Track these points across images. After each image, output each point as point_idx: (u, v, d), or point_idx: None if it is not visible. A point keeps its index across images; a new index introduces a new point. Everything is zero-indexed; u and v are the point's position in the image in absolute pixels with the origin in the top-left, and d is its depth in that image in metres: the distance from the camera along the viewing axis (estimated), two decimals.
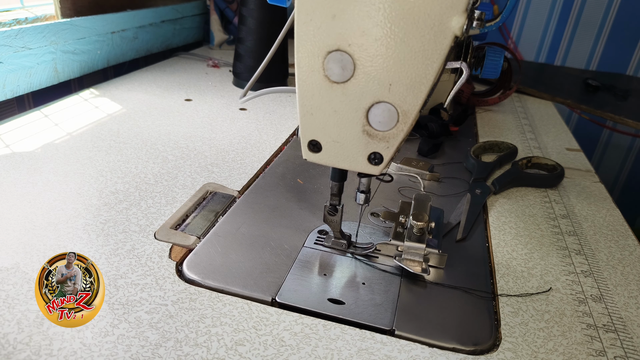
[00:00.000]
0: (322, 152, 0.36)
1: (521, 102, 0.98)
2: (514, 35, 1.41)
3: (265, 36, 0.87)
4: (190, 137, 0.67)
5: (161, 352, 0.32)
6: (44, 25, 0.73)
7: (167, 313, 0.36)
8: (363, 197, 0.41)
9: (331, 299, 0.39)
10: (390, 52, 0.30)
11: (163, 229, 0.46)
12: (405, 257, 0.42)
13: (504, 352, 0.35)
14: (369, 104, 0.33)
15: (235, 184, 0.55)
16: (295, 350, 0.33)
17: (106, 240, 0.43)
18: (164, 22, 1.07)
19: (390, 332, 0.36)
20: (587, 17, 1.34)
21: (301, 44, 0.32)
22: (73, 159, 0.58)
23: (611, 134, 1.43)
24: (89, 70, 0.86)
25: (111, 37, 0.90)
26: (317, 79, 0.33)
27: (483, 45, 0.83)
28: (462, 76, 0.38)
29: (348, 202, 0.48)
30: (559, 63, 1.41)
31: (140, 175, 0.55)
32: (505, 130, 0.80)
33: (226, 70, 1.02)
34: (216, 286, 0.39)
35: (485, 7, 0.77)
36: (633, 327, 0.39)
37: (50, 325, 0.33)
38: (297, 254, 0.44)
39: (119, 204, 0.49)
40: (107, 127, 0.68)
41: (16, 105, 0.77)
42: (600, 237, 0.51)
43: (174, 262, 0.41)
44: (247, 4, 0.86)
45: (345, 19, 0.30)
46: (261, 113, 0.79)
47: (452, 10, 0.28)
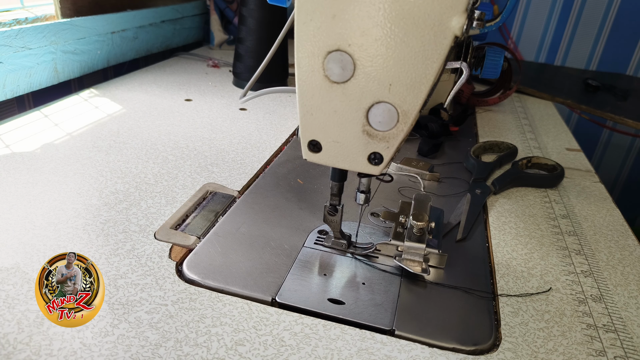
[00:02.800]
0: (322, 152, 0.36)
1: (521, 102, 0.98)
2: (514, 35, 1.41)
3: (265, 36, 0.87)
4: (190, 137, 0.67)
5: (161, 352, 0.32)
6: (44, 25, 0.73)
7: (167, 313, 0.36)
8: (363, 197, 0.41)
9: (331, 299, 0.39)
10: (390, 52, 0.30)
11: (163, 229, 0.46)
12: (405, 257, 0.42)
13: (504, 352, 0.35)
14: (369, 104, 0.33)
15: (235, 184, 0.55)
16: (295, 350, 0.33)
17: (106, 240, 0.43)
18: (164, 22, 1.07)
19: (390, 332, 0.36)
20: (587, 17, 1.34)
21: (301, 44, 0.32)
22: (73, 159, 0.58)
23: (611, 134, 1.43)
24: (89, 70, 0.86)
25: (111, 37, 0.90)
26: (317, 79, 0.33)
27: (483, 45, 0.83)
28: (462, 76, 0.38)
29: (348, 202, 0.48)
30: (559, 63, 1.41)
31: (140, 175, 0.55)
32: (505, 130, 0.80)
33: (226, 70, 1.02)
34: (216, 286, 0.39)
35: (485, 7, 0.77)
36: (633, 327, 0.39)
37: (50, 325, 0.33)
38: (297, 254, 0.44)
39: (119, 204, 0.49)
40: (107, 127, 0.68)
41: (16, 105, 0.77)
42: (600, 237, 0.51)
43: (174, 262, 0.41)
44: (247, 4, 0.86)
45: (345, 19, 0.30)
46: (261, 113, 0.79)
47: (452, 10, 0.28)
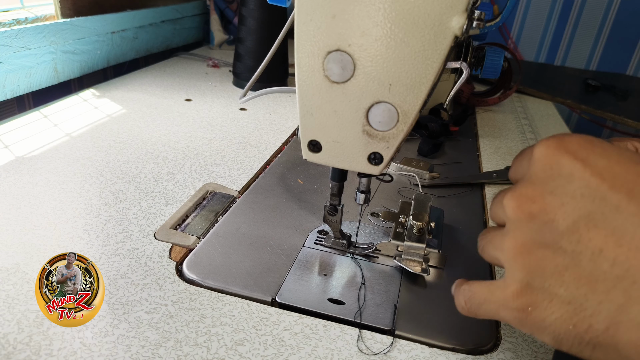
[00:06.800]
0: (322, 152, 0.36)
1: (521, 102, 0.98)
2: (514, 35, 1.41)
3: (265, 36, 0.87)
4: (190, 137, 0.67)
5: (161, 352, 0.32)
6: (44, 25, 0.73)
7: (167, 313, 0.36)
8: (363, 197, 0.41)
9: (331, 299, 0.39)
10: (390, 52, 0.30)
11: (163, 229, 0.46)
12: (405, 257, 0.42)
13: (504, 352, 0.35)
14: (369, 104, 0.33)
15: (235, 184, 0.55)
16: (295, 350, 0.33)
17: (106, 240, 0.43)
18: (164, 22, 1.07)
19: (390, 332, 0.36)
20: (587, 17, 1.34)
21: (301, 44, 0.32)
22: (73, 159, 0.58)
23: (611, 134, 1.43)
24: (89, 70, 0.86)
25: (111, 37, 0.90)
26: (317, 79, 0.33)
27: (483, 45, 0.83)
28: (462, 76, 0.38)
29: (348, 202, 0.48)
30: (559, 63, 1.41)
31: (140, 175, 0.55)
32: (505, 130, 0.80)
33: (226, 70, 1.02)
34: (216, 286, 0.39)
35: (485, 7, 0.77)
36: None
37: (50, 325, 0.33)
38: (297, 254, 0.44)
39: (119, 204, 0.49)
40: (107, 127, 0.68)
41: (16, 106, 0.77)
42: None
43: (174, 262, 0.41)
44: (247, 4, 0.86)
45: (345, 19, 0.30)
46: (261, 113, 0.79)
47: (452, 10, 0.28)
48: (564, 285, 0.24)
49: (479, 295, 0.29)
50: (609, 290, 0.23)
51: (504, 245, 0.27)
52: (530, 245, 0.25)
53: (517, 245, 0.26)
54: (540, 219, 0.25)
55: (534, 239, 0.25)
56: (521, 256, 0.26)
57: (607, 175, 0.23)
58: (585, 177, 0.24)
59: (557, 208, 0.24)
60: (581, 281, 0.24)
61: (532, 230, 0.25)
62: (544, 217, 0.25)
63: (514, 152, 0.71)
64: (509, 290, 0.27)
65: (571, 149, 0.25)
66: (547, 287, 0.25)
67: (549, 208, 0.25)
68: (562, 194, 0.24)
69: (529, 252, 0.25)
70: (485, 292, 0.29)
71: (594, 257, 0.23)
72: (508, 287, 0.27)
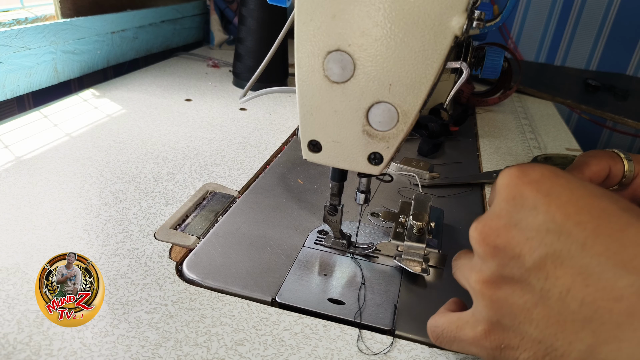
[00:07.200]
0: (322, 152, 0.36)
1: (521, 102, 0.98)
2: (514, 35, 1.41)
3: (265, 36, 0.87)
4: (190, 137, 0.67)
5: (161, 352, 0.32)
6: (44, 25, 0.73)
7: (167, 313, 0.36)
8: (363, 197, 0.41)
9: (331, 299, 0.39)
10: (390, 52, 0.30)
11: (163, 229, 0.46)
12: (405, 257, 0.42)
13: None
14: (369, 104, 0.33)
15: (235, 184, 0.55)
16: (295, 350, 0.33)
17: (106, 240, 0.43)
18: (164, 22, 1.07)
19: (390, 332, 0.36)
20: (587, 17, 1.34)
21: (301, 44, 0.32)
22: (73, 159, 0.58)
23: (611, 134, 1.43)
24: (89, 70, 0.86)
25: (111, 37, 0.90)
26: (317, 79, 0.33)
27: (483, 45, 0.83)
28: (462, 76, 0.38)
29: (348, 202, 0.48)
30: (559, 63, 1.41)
31: (140, 175, 0.55)
32: (505, 130, 0.80)
33: (226, 70, 1.02)
34: (216, 286, 0.39)
35: (485, 7, 0.77)
36: None
37: (50, 325, 0.33)
38: (297, 254, 0.44)
39: (119, 204, 0.49)
40: (107, 127, 0.68)
41: (16, 106, 0.77)
42: None
43: (174, 262, 0.41)
44: (247, 4, 0.86)
45: (345, 19, 0.30)
46: (261, 113, 0.79)
47: (452, 10, 0.28)
48: (533, 323, 0.24)
49: (449, 334, 0.29)
50: (578, 330, 0.22)
51: (470, 278, 0.27)
52: (497, 279, 0.25)
53: (484, 280, 0.26)
54: (506, 254, 0.24)
55: (500, 273, 0.25)
56: (488, 291, 0.25)
57: (571, 210, 0.23)
58: (550, 211, 0.23)
59: (523, 243, 0.24)
60: (550, 320, 0.23)
61: (497, 265, 0.25)
62: (509, 252, 0.24)
63: (514, 152, 0.71)
64: (478, 330, 0.26)
65: (533, 180, 0.24)
66: (517, 325, 0.24)
67: (514, 242, 0.24)
68: (526, 228, 0.24)
69: (496, 287, 0.25)
70: (454, 329, 0.29)
71: (562, 296, 0.23)
72: (478, 326, 0.26)
